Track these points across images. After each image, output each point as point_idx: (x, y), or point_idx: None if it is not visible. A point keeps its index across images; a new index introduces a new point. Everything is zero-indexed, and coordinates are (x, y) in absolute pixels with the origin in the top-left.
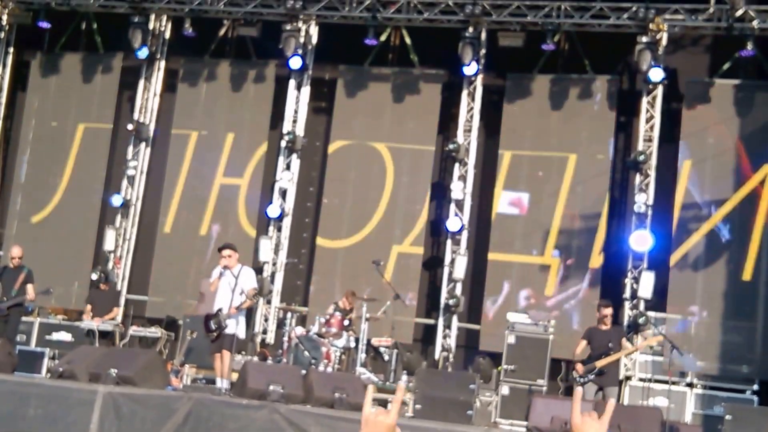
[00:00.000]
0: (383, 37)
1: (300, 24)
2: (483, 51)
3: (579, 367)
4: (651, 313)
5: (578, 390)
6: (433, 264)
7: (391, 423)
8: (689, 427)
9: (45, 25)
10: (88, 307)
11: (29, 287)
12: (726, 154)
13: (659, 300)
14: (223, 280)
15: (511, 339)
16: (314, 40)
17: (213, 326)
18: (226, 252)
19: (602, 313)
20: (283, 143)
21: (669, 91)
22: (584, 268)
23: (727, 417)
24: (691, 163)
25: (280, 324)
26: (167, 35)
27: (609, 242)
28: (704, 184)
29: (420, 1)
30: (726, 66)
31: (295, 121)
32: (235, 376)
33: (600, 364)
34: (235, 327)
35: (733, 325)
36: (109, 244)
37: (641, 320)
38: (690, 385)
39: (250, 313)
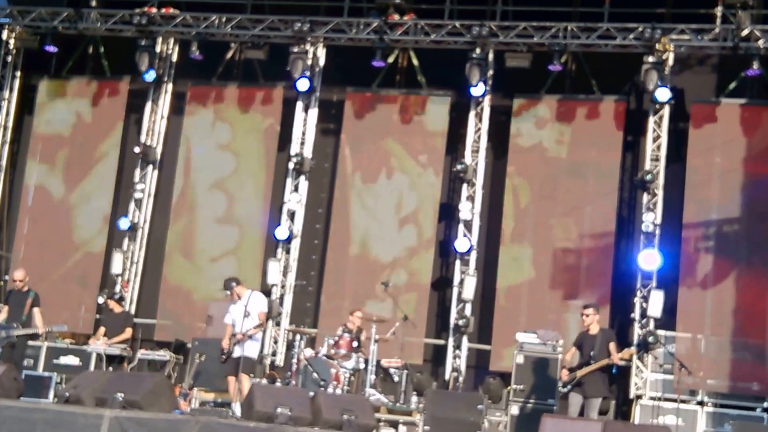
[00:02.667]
0: (391, 59)
1: (307, 46)
2: (490, 72)
3: (564, 374)
4: (661, 332)
5: None
6: (442, 284)
7: None
8: None
9: (52, 49)
10: (102, 330)
11: (36, 312)
12: (733, 173)
13: (669, 318)
14: (234, 308)
15: (519, 359)
16: (321, 62)
17: (222, 351)
18: (233, 291)
19: (582, 315)
20: (291, 165)
21: (676, 111)
22: (594, 287)
23: None
24: (698, 181)
25: (290, 346)
26: (174, 58)
27: (618, 261)
28: (711, 204)
29: (427, 22)
30: (732, 85)
31: (303, 143)
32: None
33: (580, 374)
34: (245, 350)
35: (743, 342)
36: (116, 267)
37: (650, 339)
38: (701, 403)
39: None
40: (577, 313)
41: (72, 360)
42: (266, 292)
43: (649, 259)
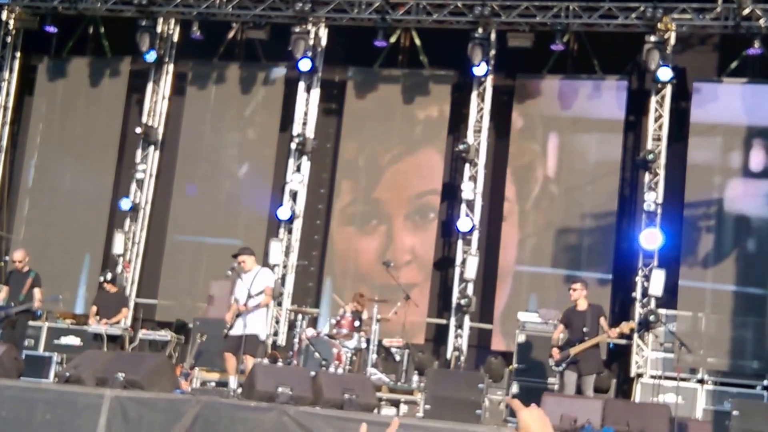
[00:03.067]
0: (393, 39)
1: (309, 26)
2: (492, 52)
3: (555, 352)
4: (662, 311)
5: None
6: (444, 264)
7: None
8: (699, 423)
9: (52, 29)
10: (93, 309)
11: (36, 291)
12: (734, 153)
13: (670, 297)
14: (240, 283)
15: (521, 338)
16: (323, 42)
17: (228, 326)
18: (240, 258)
19: (570, 290)
20: (293, 145)
21: (677, 90)
22: (596, 266)
23: (735, 413)
24: (700, 161)
25: (291, 326)
26: (175, 38)
27: (619, 240)
28: (713, 182)
29: (429, 2)
30: (734, 65)
31: (305, 123)
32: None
33: (574, 351)
34: (247, 327)
35: (743, 321)
36: (118, 248)
37: (652, 318)
38: (701, 381)
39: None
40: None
41: (73, 340)
42: None
43: (650, 238)
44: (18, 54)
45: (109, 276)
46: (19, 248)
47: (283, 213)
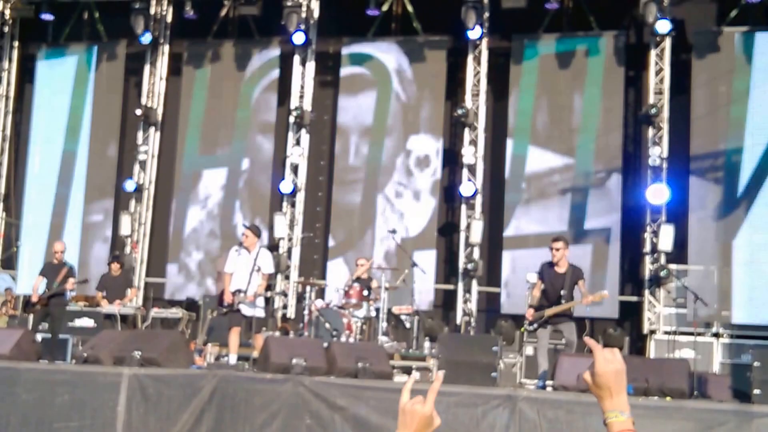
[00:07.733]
0: (385, 7)
1: None
2: (486, 14)
3: (530, 313)
4: (672, 266)
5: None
6: (449, 230)
7: (428, 412)
8: (717, 377)
9: (48, 17)
10: (99, 294)
11: (70, 281)
12: (738, 102)
13: (679, 252)
14: (240, 260)
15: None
16: (316, 14)
17: (223, 303)
18: (247, 231)
19: (552, 250)
20: (292, 119)
21: (677, 42)
22: (603, 224)
23: (756, 364)
24: (704, 112)
25: (300, 298)
26: (169, 19)
27: (626, 197)
28: (718, 134)
29: None
30: (733, 13)
31: (302, 96)
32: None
33: (549, 313)
34: (253, 309)
35: (755, 272)
36: (125, 229)
37: (663, 273)
38: (716, 335)
39: (268, 290)
40: (585, 251)
41: (87, 322)
42: (274, 246)
43: (657, 194)
44: (16, 43)
45: (118, 258)
46: (59, 240)
47: (286, 187)
